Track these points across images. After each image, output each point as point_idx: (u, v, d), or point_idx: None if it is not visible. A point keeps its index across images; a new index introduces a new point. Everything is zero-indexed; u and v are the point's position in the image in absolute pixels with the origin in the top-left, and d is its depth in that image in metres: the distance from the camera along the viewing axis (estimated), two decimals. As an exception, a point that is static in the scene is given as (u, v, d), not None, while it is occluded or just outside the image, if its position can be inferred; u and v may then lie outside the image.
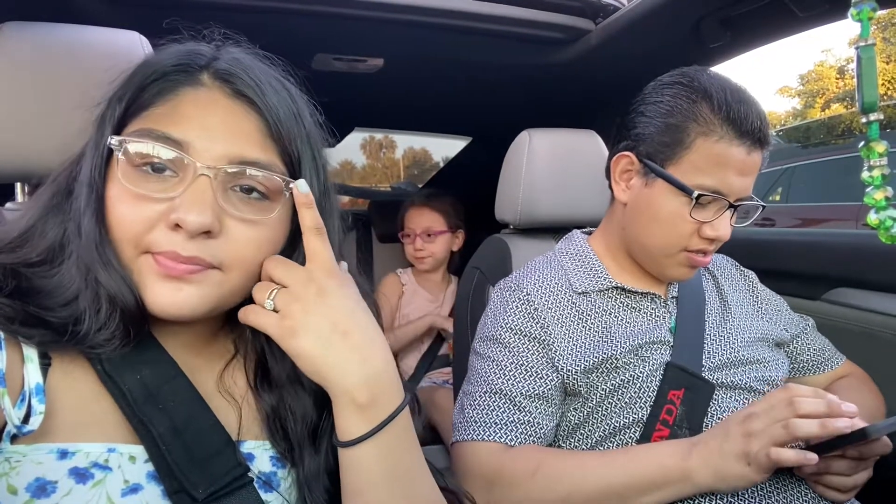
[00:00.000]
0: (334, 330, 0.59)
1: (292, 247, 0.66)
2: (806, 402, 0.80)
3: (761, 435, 0.81)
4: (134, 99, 0.61)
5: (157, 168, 0.59)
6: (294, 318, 0.59)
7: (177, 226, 0.57)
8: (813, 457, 0.79)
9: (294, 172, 0.64)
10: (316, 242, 0.61)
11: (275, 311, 0.60)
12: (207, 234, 0.58)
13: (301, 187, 0.60)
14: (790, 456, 0.79)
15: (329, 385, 0.60)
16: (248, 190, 0.61)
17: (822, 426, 0.78)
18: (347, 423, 0.60)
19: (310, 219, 0.60)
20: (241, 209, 0.61)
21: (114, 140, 0.58)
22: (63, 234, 0.62)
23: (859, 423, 0.80)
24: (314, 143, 0.67)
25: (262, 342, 0.68)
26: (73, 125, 0.65)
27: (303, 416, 0.67)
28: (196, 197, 0.58)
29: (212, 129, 0.60)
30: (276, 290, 0.60)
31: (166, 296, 0.58)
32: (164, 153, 0.58)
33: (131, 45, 0.92)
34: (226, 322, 0.72)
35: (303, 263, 0.63)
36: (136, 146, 0.58)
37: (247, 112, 0.62)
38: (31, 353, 0.58)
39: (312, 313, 0.59)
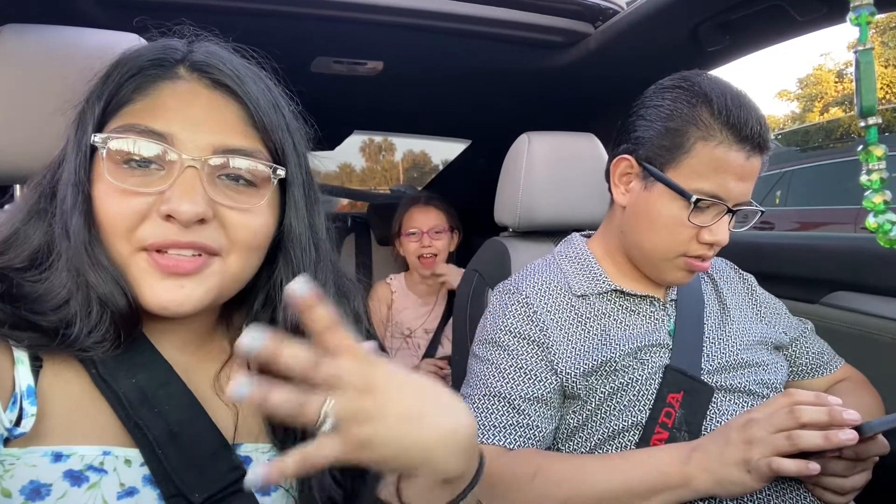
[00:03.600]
0: (406, 420, 0.49)
1: (278, 232, 0.67)
2: (807, 412, 0.79)
3: (762, 443, 0.80)
4: (112, 96, 0.61)
5: (142, 163, 0.59)
6: (354, 431, 0.47)
7: (169, 217, 0.57)
8: (815, 467, 0.78)
9: (278, 160, 0.65)
10: (335, 338, 0.49)
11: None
12: (201, 221, 0.59)
13: (297, 289, 0.47)
14: (791, 466, 0.78)
15: (420, 474, 0.52)
16: (236, 178, 0.62)
17: (825, 438, 0.78)
18: (429, 497, 0.55)
19: (318, 320, 0.48)
20: (231, 198, 0.61)
21: (97, 138, 0.59)
22: (48, 239, 0.62)
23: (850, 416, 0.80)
24: (294, 133, 0.67)
25: None
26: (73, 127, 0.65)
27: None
28: (186, 188, 0.58)
29: (194, 119, 0.61)
30: (329, 403, 0.47)
31: (168, 293, 0.59)
32: (148, 148, 0.59)
33: (130, 48, 0.92)
34: (220, 319, 0.72)
35: (295, 269, 0.66)
36: (120, 143, 0.59)
37: (228, 102, 0.63)
38: (21, 356, 0.58)
39: (372, 418, 0.48)
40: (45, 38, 0.92)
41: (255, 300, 0.70)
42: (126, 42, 0.93)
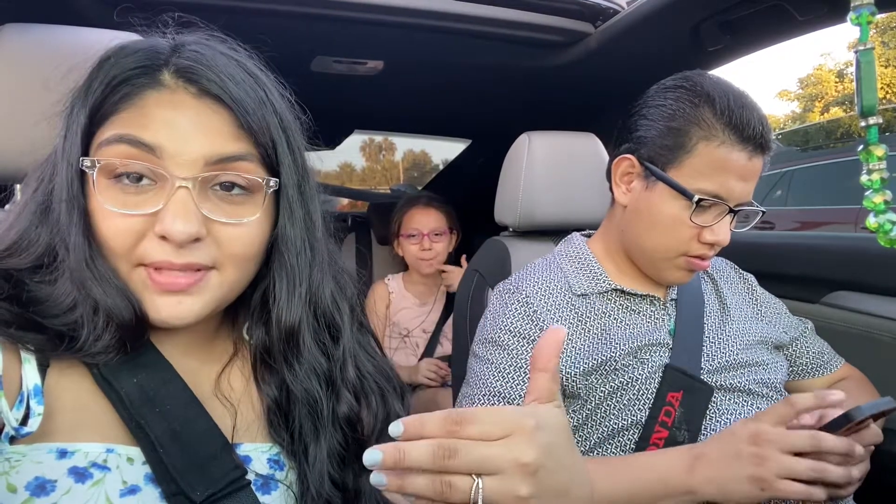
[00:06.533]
0: (557, 497, 0.50)
1: (273, 235, 0.66)
2: (829, 441, 0.79)
3: (778, 463, 0.79)
4: (98, 108, 0.60)
5: (135, 177, 0.59)
6: None
7: (164, 237, 0.57)
8: (821, 495, 0.79)
9: (272, 160, 0.64)
10: (474, 430, 0.47)
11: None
12: (195, 240, 0.58)
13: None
14: (800, 489, 0.79)
15: None
16: (229, 187, 0.61)
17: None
18: None
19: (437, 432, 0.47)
20: (225, 211, 0.61)
21: (86, 161, 0.58)
22: (53, 242, 0.61)
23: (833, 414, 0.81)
24: (287, 126, 0.66)
25: (263, 335, 0.68)
26: None
27: (306, 398, 0.68)
28: (178, 209, 0.57)
29: (182, 130, 0.59)
30: (479, 484, 0.46)
31: (168, 309, 0.59)
32: (141, 171, 0.58)
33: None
34: (226, 318, 0.72)
35: (289, 273, 0.66)
36: (111, 165, 0.58)
37: (215, 109, 0.61)
38: (28, 355, 0.58)
39: (528, 498, 0.47)
40: (45, 37, 0.92)
41: (254, 297, 0.69)
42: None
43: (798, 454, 0.80)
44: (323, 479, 0.66)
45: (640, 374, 0.99)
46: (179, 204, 0.58)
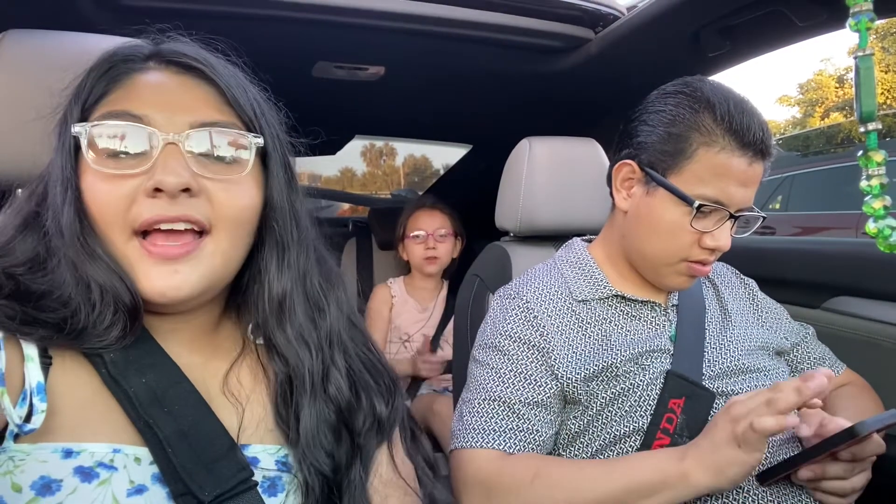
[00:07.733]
0: None
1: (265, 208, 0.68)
2: (785, 386, 0.80)
3: (745, 417, 0.81)
4: (89, 94, 0.63)
5: (125, 154, 0.61)
6: None
7: (156, 190, 0.59)
8: (794, 421, 0.80)
9: (254, 132, 0.66)
10: None
11: None
12: (187, 192, 0.60)
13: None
14: (771, 422, 0.78)
15: None
16: (218, 158, 0.63)
17: (797, 393, 0.78)
18: None
19: None
20: (214, 171, 0.63)
21: (76, 128, 0.60)
22: (43, 247, 0.63)
23: (844, 423, 0.80)
24: (267, 114, 0.69)
25: (264, 310, 0.69)
26: None
27: (297, 364, 0.69)
28: (169, 160, 0.60)
29: (168, 103, 0.63)
30: None
31: (163, 279, 0.60)
32: (130, 133, 0.60)
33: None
34: (228, 312, 0.72)
35: (279, 240, 0.68)
36: (100, 129, 0.60)
37: (199, 83, 0.65)
38: (31, 353, 0.58)
39: None
40: (47, 43, 0.92)
41: (253, 285, 0.70)
42: None
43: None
44: (313, 448, 0.66)
45: (641, 381, 0.99)
46: (169, 157, 0.60)
